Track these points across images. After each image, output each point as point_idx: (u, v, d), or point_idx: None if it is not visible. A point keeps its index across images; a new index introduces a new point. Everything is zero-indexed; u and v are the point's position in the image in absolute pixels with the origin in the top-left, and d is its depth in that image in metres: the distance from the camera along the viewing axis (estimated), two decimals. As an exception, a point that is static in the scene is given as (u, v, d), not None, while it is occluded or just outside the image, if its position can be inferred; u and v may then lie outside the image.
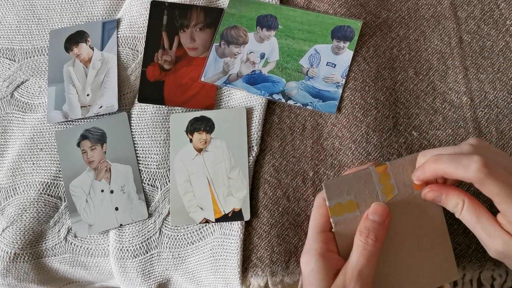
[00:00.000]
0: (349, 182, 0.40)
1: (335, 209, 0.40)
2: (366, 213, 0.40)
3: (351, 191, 0.40)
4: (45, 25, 0.61)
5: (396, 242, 0.41)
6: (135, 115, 0.55)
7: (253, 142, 0.53)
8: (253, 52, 0.56)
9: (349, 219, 0.40)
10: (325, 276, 0.39)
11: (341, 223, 0.40)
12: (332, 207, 0.40)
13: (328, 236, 0.41)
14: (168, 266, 0.52)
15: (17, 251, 0.52)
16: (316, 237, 0.41)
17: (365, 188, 0.41)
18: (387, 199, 0.41)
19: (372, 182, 0.41)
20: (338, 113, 0.53)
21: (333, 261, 0.40)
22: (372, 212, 0.40)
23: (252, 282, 0.49)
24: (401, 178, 0.41)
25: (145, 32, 0.58)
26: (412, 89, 0.54)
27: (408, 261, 0.41)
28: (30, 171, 0.55)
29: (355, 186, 0.40)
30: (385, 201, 0.41)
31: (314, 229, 0.41)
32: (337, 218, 0.40)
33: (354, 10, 0.57)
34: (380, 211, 0.40)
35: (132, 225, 0.52)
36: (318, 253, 0.39)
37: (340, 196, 0.40)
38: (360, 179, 0.41)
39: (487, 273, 0.48)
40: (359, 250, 0.39)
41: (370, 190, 0.41)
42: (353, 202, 0.41)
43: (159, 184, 0.53)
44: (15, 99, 0.58)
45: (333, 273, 0.39)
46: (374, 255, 0.39)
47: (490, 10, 0.57)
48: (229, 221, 0.51)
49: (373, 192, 0.41)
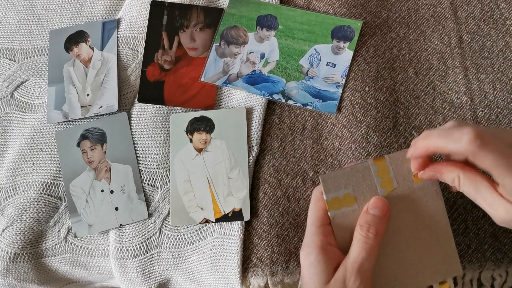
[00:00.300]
0: (346, 176, 0.40)
1: (332, 203, 0.40)
2: (366, 207, 0.40)
3: (348, 184, 0.40)
4: (45, 25, 0.61)
5: (396, 236, 0.41)
6: (135, 115, 0.55)
7: (253, 142, 0.53)
8: (253, 52, 0.56)
9: (347, 213, 0.40)
10: (325, 268, 0.38)
11: (339, 217, 0.40)
12: (329, 200, 0.40)
13: (328, 229, 0.40)
14: (168, 266, 0.52)
15: (17, 251, 0.52)
16: (315, 230, 0.40)
17: (363, 181, 0.40)
18: (386, 192, 0.40)
19: (371, 175, 0.40)
20: (338, 113, 0.53)
21: (333, 254, 0.39)
22: (372, 206, 0.40)
23: (252, 282, 0.49)
24: (400, 171, 0.40)
25: (145, 32, 0.58)
26: (412, 89, 0.54)
27: (408, 255, 0.41)
28: (30, 171, 0.55)
29: (353, 180, 0.40)
30: (384, 194, 0.40)
31: (313, 222, 0.41)
32: (335, 211, 0.40)
33: (354, 10, 0.57)
34: (381, 205, 0.40)
35: (132, 225, 0.52)
36: (318, 246, 0.39)
37: (337, 189, 0.40)
38: (358, 172, 0.40)
39: (487, 273, 0.48)
40: (360, 244, 0.38)
41: (368, 184, 0.40)
42: (351, 195, 0.40)
43: (159, 184, 0.53)
44: (15, 99, 0.58)
45: (333, 267, 0.39)
46: (375, 249, 0.38)
47: (490, 10, 0.57)
48: (229, 221, 0.51)
49: (371, 185, 0.40)
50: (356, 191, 0.40)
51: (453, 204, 0.49)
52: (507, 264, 0.47)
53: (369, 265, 0.38)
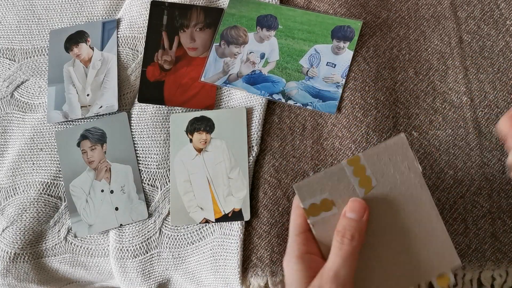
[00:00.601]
0: (321, 181, 0.39)
1: (310, 210, 0.39)
2: (343, 211, 0.39)
3: (324, 189, 0.39)
4: (45, 25, 0.61)
5: (383, 235, 0.39)
6: (135, 115, 0.55)
7: (253, 142, 0.53)
8: (253, 52, 0.56)
9: (327, 218, 0.39)
10: (303, 278, 0.38)
11: (319, 224, 0.39)
12: (307, 208, 0.39)
13: (307, 237, 0.40)
14: (168, 266, 0.52)
15: (17, 251, 0.52)
16: (295, 239, 0.40)
17: (339, 184, 0.39)
18: (366, 191, 0.39)
19: (346, 176, 0.39)
20: (338, 113, 0.53)
21: (313, 263, 0.39)
22: (349, 209, 0.39)
23: (252, 282, 0.49)
24: (377, 168, 0.39)
25: (145, 32, 0.58)
26: (412, 89, 0.54)
27: (399, 253, 0.39)
28: (30, 171, 0.55)
29: (328, 184, 0.39)
30: (364, 194, 0.39)
31: (293, 230, 0.40)
32: (314, 218, 0.39)
33: (354, 10, 0.57)
34: (357, 207, 0.38)
35: (132, 225, 0.52)
36: (296, 256, 0.39)
37: (313, 196, 0.39)
38: (332, 175, 0.39)
39: (487, 273, 0.48)
40: (334, 250, 0.37)
41: (345, 185, 0.39)
42: (329, 200, 0.39)
43: (159, 184, 0.53)
44: (15, 99, 0.58)
45: (311, 275, 0.38)
46: (351, 254, 0.37)
47: (490, 10, 0.57)
48: (229, 221, 0.51)
49: (348, 187, 0.39)
50: (333, 195, 0.39)
51: (453, 204, 0.49)
52: (507, 264, 0.47)
53: (345, 272, 0.37)
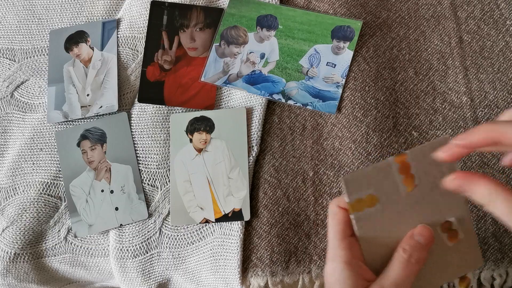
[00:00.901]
0: (368, 175, 0.38)
1: (355, 205, 0.38)
2: (411, 232, 0.39)
3: (371, 184, 0.38)
4: (45, 25, 0.61)
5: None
6: (135, 115, 0.55)
7: (253, 142, 0.53)
8: (253, 52, 0.56)
9: (370, 215, 0.38)
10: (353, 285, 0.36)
11: (362, 220, 0.38)
12: (352, 203, 0.38)
13: (351, 242, 0.39)
14: (168, 266, 0.52)
15: (17, 251, 0.52)
16: (339, 244, 0.38)
17: (384, 180, 0.38)
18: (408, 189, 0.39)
19: (392, 173, 0.38)
20: (338, 113, 0.53)
21: (360, 270, 0.37)
22: (417, 233, 0.38)
23: (252, 282, 0.49)
24: (421, 167, 0.38)
25: (145, 32, 0.58)
26: (412, 89, 0.54)
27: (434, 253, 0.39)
28: (30, 171, 0.55)
29: (374, 179, 0.38)
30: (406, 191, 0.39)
31: (335, 236, 0.39)
32: (358, 214, 0.38)
33: (354, 10, 0.57)
34: (427, 234, 0.38)
35: (132, 225, 0.52)
36: (344, 261, 0.37)
37: (360, 190, 0.38)
38: (379, 171, 0.38)
39: (487, 273, 0.48)
40: (401, 265, 0.37)
41: (389, 182, 0.38)
42: (374, 196, 0.38)
43: (159, 184, 0.53)
44: (15, 99, 0.58)
45: (361, 284, 0.37)
46: (414, 274, 0.37)
47: (490, 10, 0.57)
48: (229, 221, 0.51)
49: (393, 183, 0.38)
50: (378, 191, 0.38)
51: (453, 204, 0.49)
52: (507, 264, 0.47)
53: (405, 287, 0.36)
